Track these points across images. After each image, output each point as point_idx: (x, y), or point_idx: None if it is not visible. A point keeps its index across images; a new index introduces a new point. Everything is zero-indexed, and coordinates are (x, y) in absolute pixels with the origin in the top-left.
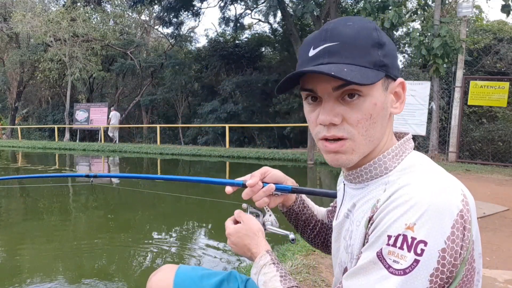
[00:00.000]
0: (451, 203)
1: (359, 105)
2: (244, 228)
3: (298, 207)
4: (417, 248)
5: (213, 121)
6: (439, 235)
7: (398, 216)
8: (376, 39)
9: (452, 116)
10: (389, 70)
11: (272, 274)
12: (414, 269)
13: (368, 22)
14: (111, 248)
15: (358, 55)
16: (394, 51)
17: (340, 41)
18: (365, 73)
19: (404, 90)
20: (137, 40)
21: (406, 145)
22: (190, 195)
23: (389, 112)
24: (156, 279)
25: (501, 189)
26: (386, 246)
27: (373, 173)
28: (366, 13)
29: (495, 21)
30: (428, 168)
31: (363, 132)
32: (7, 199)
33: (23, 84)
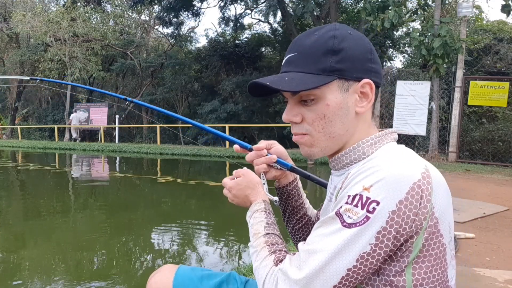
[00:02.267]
0: (409, 173)
1: (313, 107)
2: (244, 180)
3: (292, 189)
4: (369, 206)
5: (213, 121)
6: (392, 198)
7: (359, 180)
8: (330, 46)
9: (452, 116)
10: (344, 73)
11: (260, 219)
12: (363, 224)
13: (330, 31)
14: (110, 248)
15: (308, 63)
16: (357, 55)
17: (298, 51)
18: (304, 80)
19: (372, 90)
20: (137, 40)
21: (387, 136)
22: (188, 197)
23: (354, 111)
24: (155, 279)
25: (501, 189)
26: (345, 204)
27: (352, 158)
28: (366, 13)
29: (495, 21)
30: (399, 148)
31: (320, 130)
32: (7, 199)
33: (23, 84)
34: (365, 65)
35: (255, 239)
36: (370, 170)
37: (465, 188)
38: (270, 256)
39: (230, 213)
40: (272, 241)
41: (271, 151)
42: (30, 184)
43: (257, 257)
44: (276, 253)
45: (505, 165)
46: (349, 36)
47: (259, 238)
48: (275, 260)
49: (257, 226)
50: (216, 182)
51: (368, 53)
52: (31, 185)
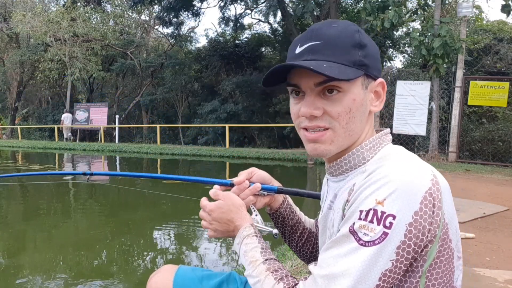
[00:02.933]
0: (420, 181)
1: (339, 99)
2: (226, 203)
3: (285, 210)
4: (386, 221)
5: (213, 121)
6: (407, 210)
7: (370, 193)
8: (357, 40)
9: (452, 116)
10: (368, 69)
11: (253, 245)
12: (382, 241)
13: (352, 25)
14: (111, 248)
15: (338, 54)
16: (375, 53)
17: (323, 40)
18: (343, 70)
19: (384, 90)
20: (137, 40)
21: (384, 138)
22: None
23: (369, 110)
24: (155, 279)
25: (501, 189)
26: (358, 220)
27: (352, 164)
28: (366, 13)
29: (495, 21)
30: (402, 154)
31: (343, 125)
32: (6, 200)
33: (23, 84)
34: (379, 64)
35: (253, 267)
36: (380, 181)
37: (465, 188)
38: (278, 284)
39: None
40: (274, 267)
41: (252, 179)
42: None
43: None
44: (283, 279)
45: (505, 165)
46: (366, 34)
47: (258, 266)
48: (287, 286)
49: (252, 253)
50: None
51: (378, 53)
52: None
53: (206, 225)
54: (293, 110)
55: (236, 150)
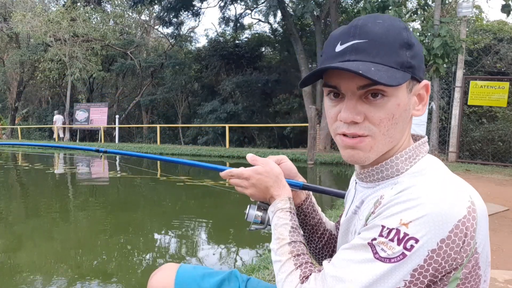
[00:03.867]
0: (454, 209)
1: (382, 104)
2: (265, 170)
3: (307, 207)
4: (407, 244)
5: (213, 121)
6: (433, 237)
7: (397, 211)
8: (405, 39)
9: (452, 116)
10: (415, 71)
11: (284, 221)
12: (399, 261)
13: (398, 21)
14: (111, 247)
15: (386, 55)
16: (421, 52)
17: (369, 38)
18: (392, 74)
19: (428, 93)
20: (137, 40)
21: (421, 148)
22: (190, 196)
23: (411, 114)
24: (157, 278)
25: (501, 189)
26: (379, 236)
27: (384, 174)
28: (366, 13)
29: (495, 21)
30: (439, 172)
31: (384, 132)
32: (7, 198)
33: (23, 84)
34: (423, 64)
35: (278, 244)
36: (411, 202)
37: None
38: (296, 271)
39: (230, 214)
40: (298, 251)
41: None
42: (30, 184)
43: (282, 269)
44: (302, 267)
45: (505, 165)
46: (411, 32)
47: (283, 246)
48: (301, 276)
49: (281, 229)
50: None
51: (422, 52)
52: (31, 185)
53: (241, 190)
54: (330, 113)
55: (236, 150)
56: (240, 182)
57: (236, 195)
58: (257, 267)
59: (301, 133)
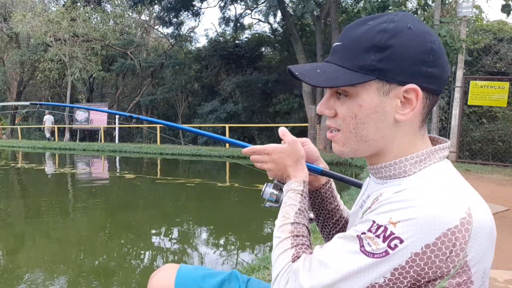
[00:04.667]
0: (445, 217)
1: (345, 103)
2: (288, 149)
3: (325, 192)
4: (391, 242)
5: (213, 121)
6: (418, 240)
7: (389, 210)
8: (375, 42)
9: (452, 116)
10: (385, 74)
11: (293, 202)
12: (381, 257)
13: (385, 23)
14: (111, 247)
15: (348, 57)
16: (405, 56)
17: (344, 41)
18: (340, 75)
19: (418, 97)
20: (137, 40)
21: (436, 153)
22: (190, 196)
23: (393, 118)
24: (157, 278)
25: (501, 189)
26: (368, 231)
27: (391, 173)
28: (366, 13)
29: (495, 21)
30: (445, 180)
31: (350, 129)
32: (6, 197)
33: (23, 84)
34: (416, 68)
35: (282, 222)
36: (404, 203)
37: None
38: (291, 249)
39: (231, 214)
40: (298, 232)
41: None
42: (31, 184)
43: (279, 246)
44: (297, 247)
45: (505, 165)
46: (405, 31)
47: (286, 225)
48: (293, 255)
49: (288, 208)
50: (217, 181)
51: (425, 54)
52: (31, 185)
53: (260, 166)
54: None
55: (236, 150)
56: (261, 157)
57: (236, 195)
58: (257, 267)
59: (301, 133)
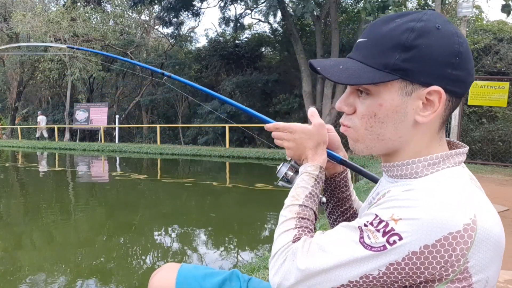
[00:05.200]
0: (450, 221)
1: (365, 101)
2: (312, 132)
3: (340, 181)
4: (390, 238)
5: (213, 121)
6: (418, 240)
7: (393, 206)
8: (402, 40)
9: (452, 116)
10: (409, 74)
11: (305, 184)
12: (378, 251)
13: (413, 21)
14: (112, 246)
15: (372, 55)
16: (431, 57)
17: (369, 38)
18: (362, 73)
19: (441, 100)
20: (137, 40)
21: (451, 158)
22: (191, 196)
23: (413, 119)
24: (158, 277)
25: (501, 189)
26: (369, 224)
27: (403, 173)
28: (366, 13)
29: (495, 21)
30: (455, 184)
31: (367, 127)
32: (7, 198)
33: (23, 84)
34: (442, 69)
35: (291, 201)
36: (408, 202)
37: None
38: (294, 230)
39: (232, 213)
40: (304, 215)
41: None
42: (31, 184)
43: (283, 225)
44: (300, 229)
45: (505, 165)
46: (433, 32)
47: (294, 206)
48: (295, 236)
49: (300, 190)
50: (217, 181)
51: (451, 56)
52: (32, 185)
53: (280, 143)
54: None
55: (236, 150)
56: (283, 134)
57: (237, 195)
58: (257, 267)
59: None
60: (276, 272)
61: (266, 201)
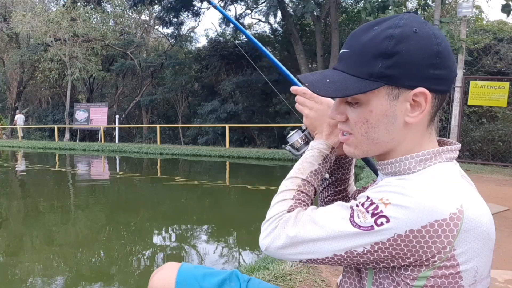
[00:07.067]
0: (436, 209)
1: (356, 110)
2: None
3: (344, 163)
4: (378, 220)
5: (213, 121)
6: (404, 224)
7: (384, 190)
8: (382, 49)
9: (452, 116)
10: (394, 80)
11: (314, 160)
12: (365, 231)
13: (391, 28)
14: (112, 246)
15: (356, 65)
16: (412, 61)
17: (351, 48)
18: (349, 84)
19: (427, 101)
20: (137, 40)
21: (442, 154)
22: (191, 196)
23: (403, 120)
24: (158, 277)
25: (501, 189)
26: (361, 205)
27: (396, 169)
28: (366, 13)
29: (495, 21)
30: (444, 177)
31: (362, 133)
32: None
33: (23, 84)
34: (424, 71)
35: (295, 174)
36: (399, 189)
37: None
38: (291, 201)
39: (232, 213)
40: (304, 189)
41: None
42: (32, 184)
43: (282, 194)
44: (297, 201)
45: (505, 165)
46: (411, 36)
47: (297, 178)
48: (290, 207)
49: (306, 165)
50: (217, 181)
51: (432, 57)
52: (32, 185)
53: (301, 109)
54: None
55: (236, 150)
56: (307, 101)
57: (237, 195)
58: (257, 267)
59: None
60: (266, 236)
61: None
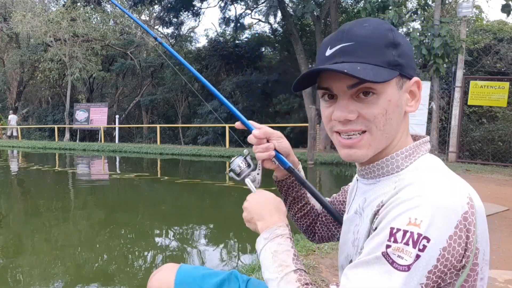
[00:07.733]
0: (456, 204)
1: (374, 101)
2: (273, 197)
3: (292, 182)
4: (420, 244)
5: (213, 121)
6: (442, 234)
7: (403, 211)
8: (391, 39)
9: (452, 116)
10: (403, 69)
11: (286, 248)
12: (414, 263)
13: (384, 23)
14: (111, 247)
15: (372, 54)
16: (409, 51)
17: (355, 41)
18: (378, 72)
19: (420, 89)
20: (137, 40)
21: (421, 147)
22: (191, 196)
23: (404, 110)
24: (157, 278)
25: (501, 189)
26: (393, 243)
27: (384, 170)
28: (366, 13)
29: (495, 21)
30: (438, 170)
31: (380, 127)
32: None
33: (23, 84)
34: (413, 62)
35: (282, 272)
36: (415, 200)
37: None
38: None
39: (231, 213)
40: (305, 280)
41: (276, 146)
42: (32, 184)
43: None
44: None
45: (505, 165)
46: (399, 33)
47: (289, 274)
48: None
49: (283, 255)
50: (217, 181)
51: (412, 51)
52: (32, 185)
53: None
54: (325, 113)
55: (236, 150)
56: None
57: (237, 195)
58: (257, 267)
59: (301, 133)
60: None
61: None
